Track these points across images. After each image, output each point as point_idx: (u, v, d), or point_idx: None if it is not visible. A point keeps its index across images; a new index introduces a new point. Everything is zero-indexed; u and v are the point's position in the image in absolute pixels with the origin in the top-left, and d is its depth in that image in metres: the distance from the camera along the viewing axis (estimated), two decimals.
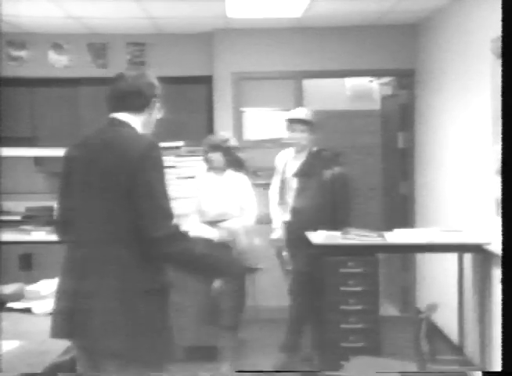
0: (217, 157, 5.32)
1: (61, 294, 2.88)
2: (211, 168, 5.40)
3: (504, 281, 2.28)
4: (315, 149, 5.90)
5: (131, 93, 2.95)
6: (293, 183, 5.86)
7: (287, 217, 5.91)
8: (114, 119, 2.95)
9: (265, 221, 5.94)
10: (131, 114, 2.95)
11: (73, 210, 2.91)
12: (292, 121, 5.91)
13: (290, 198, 5.88)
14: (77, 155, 2.95)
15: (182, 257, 2.88)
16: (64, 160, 3.02)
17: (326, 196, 5.70)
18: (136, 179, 2.74)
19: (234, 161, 5.37)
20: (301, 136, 5.84)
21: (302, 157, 5.90)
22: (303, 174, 5.83)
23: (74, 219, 2.90)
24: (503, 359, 2.26)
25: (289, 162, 5.98)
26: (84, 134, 3.05)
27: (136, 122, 2.96)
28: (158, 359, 2.82)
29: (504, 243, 2.32)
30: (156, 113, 3.07)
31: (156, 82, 3.05)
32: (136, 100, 2.96)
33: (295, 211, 5.82)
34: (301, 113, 5.95)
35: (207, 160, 5.40)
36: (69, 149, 3.03)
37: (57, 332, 2.88)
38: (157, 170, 2.83)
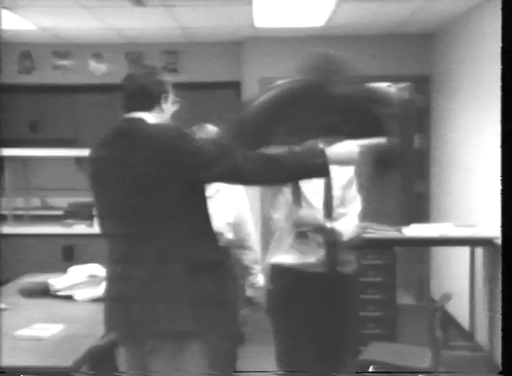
0: None
1: (114, 281, 2.78)
2: None
3: (504, 281, 2.16)
4: None
5: (139, 93, 2.85)
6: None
7: None
8: (129, 118, 2.85)
9: None
10: (144, 112, 2.82)
11: (113, 203, 2.83)
12: None
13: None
14: (105, 154, 2.88)
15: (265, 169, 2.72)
16: (91, 161, 2.98)
17: None
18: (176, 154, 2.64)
19: None
20: None
21: None
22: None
23: (116, 212, 2.80)
24: (503, 359, 2.17)
25: None
26: (104, 134, 2.96)
27: (150, 118, 2.82)
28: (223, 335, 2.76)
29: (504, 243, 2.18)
30: (170, 107, 2.92)
31: (163, 79, 2.91)
32: (145, 99, 2.84)
33: None
34: None
35: None
36: (93, 149, 2.99)
37: (113, 320, 2.79)
38: (190, 142, 2.70)
